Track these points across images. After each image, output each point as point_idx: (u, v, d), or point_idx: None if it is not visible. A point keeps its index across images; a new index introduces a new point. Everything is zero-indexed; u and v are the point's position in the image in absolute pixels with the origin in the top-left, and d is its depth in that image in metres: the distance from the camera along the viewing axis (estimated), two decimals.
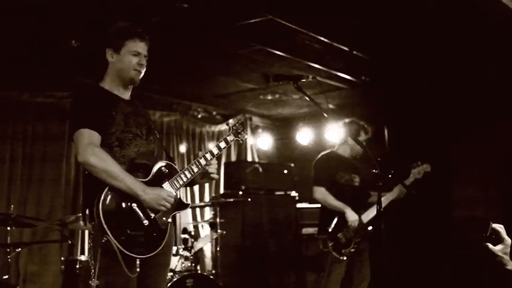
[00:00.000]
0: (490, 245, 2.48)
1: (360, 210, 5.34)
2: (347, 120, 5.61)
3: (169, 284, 4.98)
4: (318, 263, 5.44)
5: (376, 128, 7.29)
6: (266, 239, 6.99)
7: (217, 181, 8.38)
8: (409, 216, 6.93)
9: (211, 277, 5.64)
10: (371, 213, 5.36)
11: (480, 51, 5.97)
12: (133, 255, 3.01)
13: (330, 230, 5.25)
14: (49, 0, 4.64)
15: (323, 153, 5.70)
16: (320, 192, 5.41)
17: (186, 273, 5.31)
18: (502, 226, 2.50)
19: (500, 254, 2.47)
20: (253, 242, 6.86)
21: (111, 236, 2.94)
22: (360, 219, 5.30)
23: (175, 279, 5.09)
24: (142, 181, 3.16)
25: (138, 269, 3.08)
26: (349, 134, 5.44)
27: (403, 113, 7.60)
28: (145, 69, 3.40)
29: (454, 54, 6.08)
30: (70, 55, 5.81)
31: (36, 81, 6.50)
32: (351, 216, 5.25)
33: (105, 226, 2.94)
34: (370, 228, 5.35)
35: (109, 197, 3.02)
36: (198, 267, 5.80)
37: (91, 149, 3.05)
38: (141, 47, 3.35)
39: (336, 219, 5.28)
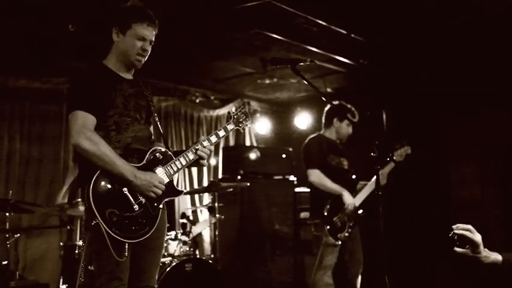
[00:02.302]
0: (458, 249, 2.47)
1: (351, 193, 5.32)
2: (333, 103, 5.52)
3: (168, 269, 4.99)
4: (316, 246, 5.44)
5: (374, 112, 7.29)
6: (264, 224, 7.00)
7: (216, 166, 8.39)
8: (407, 200, 6.94)
9: (210, 261, 5.66)
10: (361, 196, 5.35)
11: (479, 35, 5.96)
12: (121, 239, 3.02)
13: (325, 213, 5.22)
14: None
15: (311, 136, 5.66)
16: (315, 174, 5.35)
17: (184, 258, 5.32)
18: (469, 227, 2.48)
19: (471, 254, 2.46)
20: (251, 227, 6.87)
21: (100, 219, 2.95)
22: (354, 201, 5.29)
23: (174, 263, 5.10)
24: (135, 166, 3.15)
25: (126, 254, 3.07)
26: (335, 116, 5.42)
27: (402, 96, 7.58)
28: (148, 54, 3.35)
29: (453, 37, 6.07)
30: (67, 40, 5.77)
31: (33, 66, 6.46)
32: (348, 199, 5.23)
33: (94, 209, 2.94)
34: (360, 212, 5.35)
35: (100, 180, 3.02)
36: (197, 252, 5.80)
37: (84, 132, 3.03)
38: (149, 31, 3.28)
39: (329, 203, 5.25)
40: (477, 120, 6.95)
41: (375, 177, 5.20)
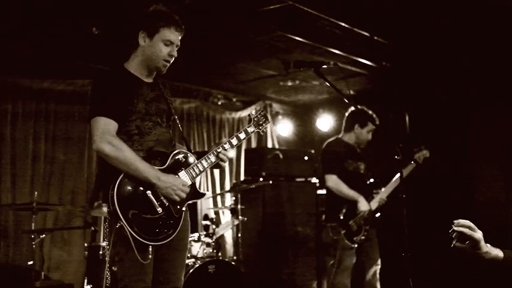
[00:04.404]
0: (458, 244, 2.45)
1: (367, 197, 5.37)
2: (354, 108, 5.56)
3: (191, 270, 5.02)
4: (334, 249, 5.46)
5: (396, 113, 7.25)
6: (287, 226, 6.99)
7: (238, 167, 8.41)
8: (430, 202, 6.90)
9: (233, 263, 5.68)
10: (378, 199, 5.40)
11: (505, 37, 5.90)
12: (145, 241, 3.03)
13: (341, 217, 5.27)
14: None
15: (329, 140, 5.71)
16: (332, 180, 5.41)
17: (207, 259, 5.34)
18: (469, 224, 2.45)
19: (470, 250, 2.44)
20: (274, 229, 6.86)
21: (124, 222, 2.96)
22: (369, 207, 5.33)
23: (197, 265, 5.13)
24: (158, 169, 3.16)
25: (150, 256, 3.09)
26: (356, 122, 5.45)
27: (424, 98, 7.53)
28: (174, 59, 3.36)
29: (477, 39, 6.02)
30: (91, 43, 5.83)
31: (58, 68, 6.54)
32: (364, 205, 5.29)
33: (119, 212, 2.96)
34: (377, 215, 5.41)
35: (124, 183, 3.04)
36: (220, 254, 5.82)
37: (106, 138, 3.04)
38: (176, 36, 3.29)
39: (346, 207, 5.30)
40: (501, 121, 6.89)
41: (394, 178, 5.39)
